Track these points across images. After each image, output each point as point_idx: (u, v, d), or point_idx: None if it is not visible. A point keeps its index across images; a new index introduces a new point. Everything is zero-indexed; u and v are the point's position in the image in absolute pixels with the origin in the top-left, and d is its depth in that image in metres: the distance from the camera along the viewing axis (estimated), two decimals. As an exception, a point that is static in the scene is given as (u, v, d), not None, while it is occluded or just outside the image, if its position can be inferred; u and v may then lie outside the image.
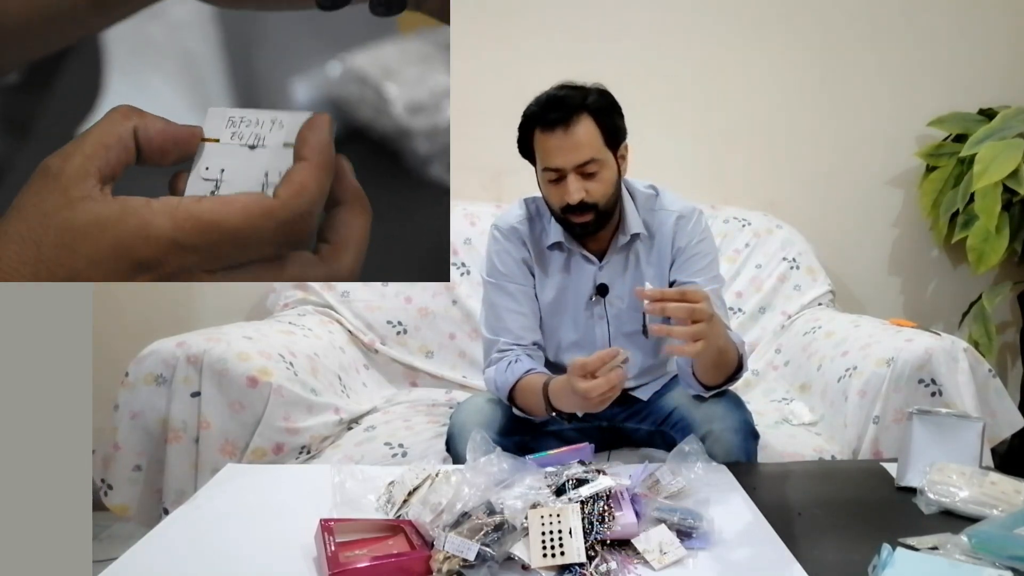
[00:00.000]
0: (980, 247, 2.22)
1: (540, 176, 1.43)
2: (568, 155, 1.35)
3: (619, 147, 1.41)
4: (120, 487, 1.52)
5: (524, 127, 1.41)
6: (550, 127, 1.35)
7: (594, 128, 1.36)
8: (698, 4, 2.38)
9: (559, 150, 1.35)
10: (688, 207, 1.52)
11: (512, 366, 1.41)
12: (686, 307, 1.11)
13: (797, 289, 2.19)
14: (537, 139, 1.39)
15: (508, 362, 1.42)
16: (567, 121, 1.34)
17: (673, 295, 1.12)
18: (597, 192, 1.38)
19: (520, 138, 1.42)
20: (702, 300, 1.13)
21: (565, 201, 1.38)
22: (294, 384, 1.58)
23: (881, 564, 0.91)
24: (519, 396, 1.39)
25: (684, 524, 1.01)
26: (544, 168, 1.39)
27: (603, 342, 1.52)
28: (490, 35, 2.34)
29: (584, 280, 1.51)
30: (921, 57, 2.44)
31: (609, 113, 1.38)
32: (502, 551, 0.93)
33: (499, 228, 1.54)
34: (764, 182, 2.46)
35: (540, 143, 1.38)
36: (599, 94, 1.39)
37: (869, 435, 1.58)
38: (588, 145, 1.35)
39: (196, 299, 2.38)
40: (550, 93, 1.38)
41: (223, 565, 0.97)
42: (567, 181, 1.36)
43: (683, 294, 1.12)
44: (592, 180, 1.37)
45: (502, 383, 1.40)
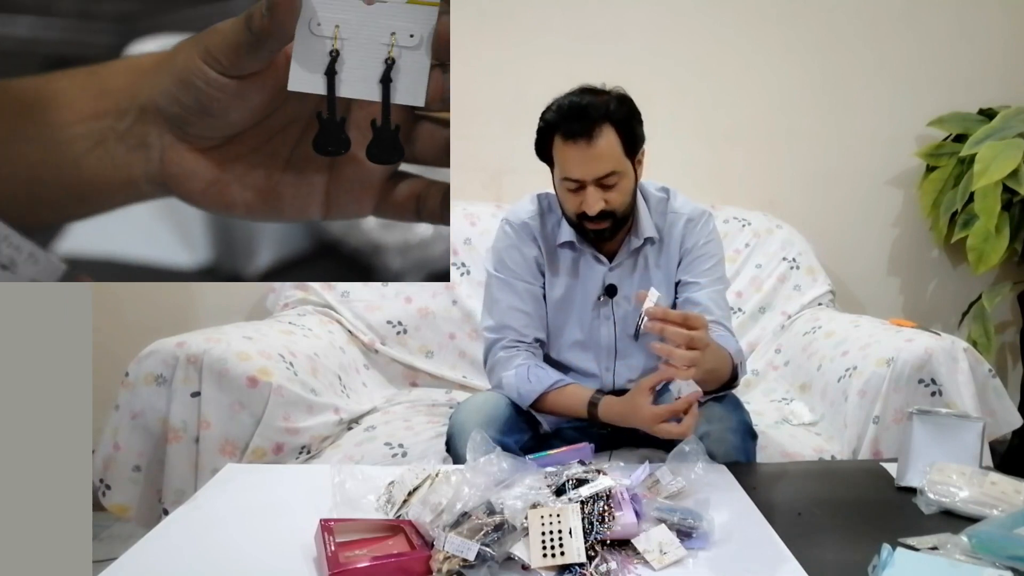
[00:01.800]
0: (980, 247, 2.22)
1: (557, 182, 1.42)
2: (589, 167, 1.34)
3: (637, 154, 1.41)
4: (120, 487, 1.52)
5: (543, 132, 1.39)
6: (572, 138, 1.33)
7: (615, 139, 1.34)
8: (698, 4, 2.38)
9: (580, 162, 1.34)
10: (698, 210, 1.53)
11: (533, 371, 1.43)
12: (684, 334, 1.12)
13: (797, 289, 2.19)
14: (557, 147, 1.37)
15: (528, 367, 1.44)
16: (589, 132, 1.32)
17: (675, 318, 1.13)
18: (616, 201, 1.38)
19: (538, 141, 1.40)
20: (702, 327, 1.13)
21: (583, 210, 1.38)
22: (294, 384, 1.58)
23: (881, 564, 0.91)
24: (547, 403, 1.42)
25: (684, 524, 1.01)
26: (564, 177, 1.38)
27: (609, 342, 1.52)
28: (490, 35, 2.34)
29: (593, 280, 1.51)
30: (921, 57, 2.44)
31: (630, 122, 1.36)
32: (502, 551, 0.93)
33: (510, 223, 1.53)
34: (764, 182, 2.46)
35: (560, 152, 1.37)
36: (620, 102, 1.36)
37: (869, 435, 1.58)
38: (609, 157, 1.34)
39: (196, 299, 2.38)
40: (572, 100, 1.35)
41: (223, 565, 0.97)
42: (587, 192, 1.36)
43: (684, 319, 1.13)
44: (611, 191, 1.37)
45: (527, 391, 1.42)
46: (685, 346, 1.12)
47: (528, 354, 1.48)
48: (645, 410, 1.25)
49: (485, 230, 2.13)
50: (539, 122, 1.39)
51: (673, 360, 1.12)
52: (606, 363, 1.53)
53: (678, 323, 1.12)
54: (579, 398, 1.39)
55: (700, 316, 1.16)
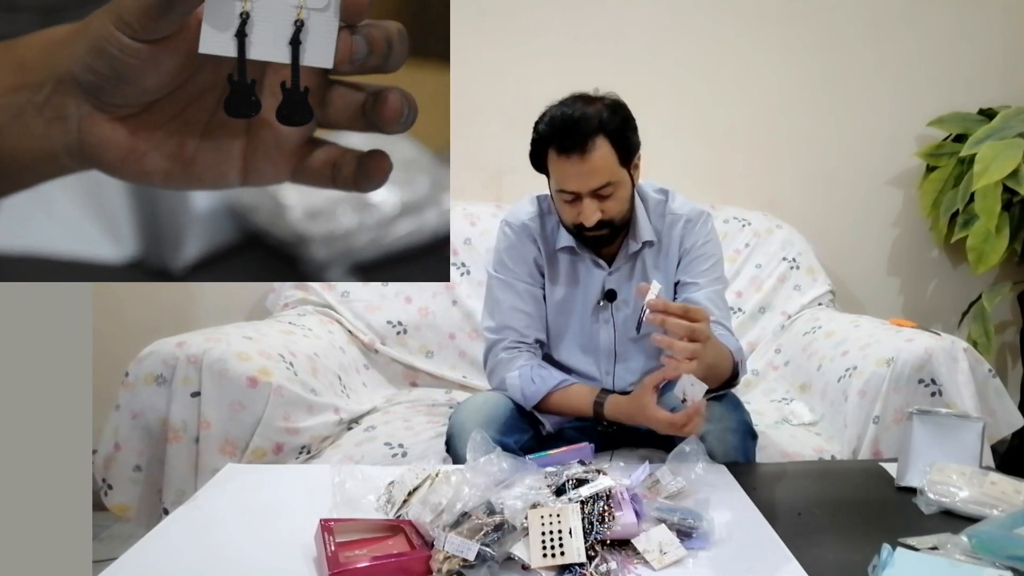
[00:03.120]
0: (980, 247, 2.22)
1: (554, 193, 1.42)
2: (584, 180, 1.34)
3: (632, 162, 1.40)
4: (120, 487, 1.53)
5: (537, 144, 1.38)
6: (565, 152, 1.33)
7: (610, 151, 1.33)
8: (698, 4, 2.38)
9: (575, 176, 1.34)
10: (696, 210, 1.53)
11: (537, 371, 1.44)
12: (685, 326, 1.11)
13: (797, 289, 2.19)
14: (551, 160, 1.36)
15: (531, 367, 1.44)
16: (583, 147, 1.31)
17: (676, 310, 1.13)
18: (613, 210, 1.38)
19: (533, 153, 1.40)
20: (703, 320, 1.13)
21: (580, 221, 1.38)
22: (294, 384, 1.58)
23: (881, 564, 0.91)
24: (552, 403, 1.43)
25: (684, 524, 1.01)
26: (559, 189, 1.38)
27: (608, 346, 1.52)
28: (490, 35, 2.33)
29: (593, 284, 1.51)
30: (921, 57, 2.44)
31: (623, 131, 1.35)
32: (502, 551, 0.93)
33: (510, 224, 1.53)
34: (764, 182, 2.46)
35: (554, 166, 1.36)
36: (612, 111, 1.35)
37: (869, 435, 1.58)
38: (604, 169, 1.34)
39: (196, 299, 2.38)
40: (564, 113, 1.33)
41: (223, 565, 0.97)
42: (583, 204, 1.36)
43: (685, 311, 1.13)
44: (608, 200, 1.37)
45: (532, 393, 1.42)
46: (687, 338, 1.11)
47: (530, 355, 1.48)
48: (651, 410, 1.26)
49: (485, 230, 2.13)
50: (532, 133, 1.39)
51: (674, 352, 1.12)
52: (606, 367, 1.54)
53: (679, 315, 1.12)
54: (584, 397, 1.39)
55: (701, 309, 1.15)
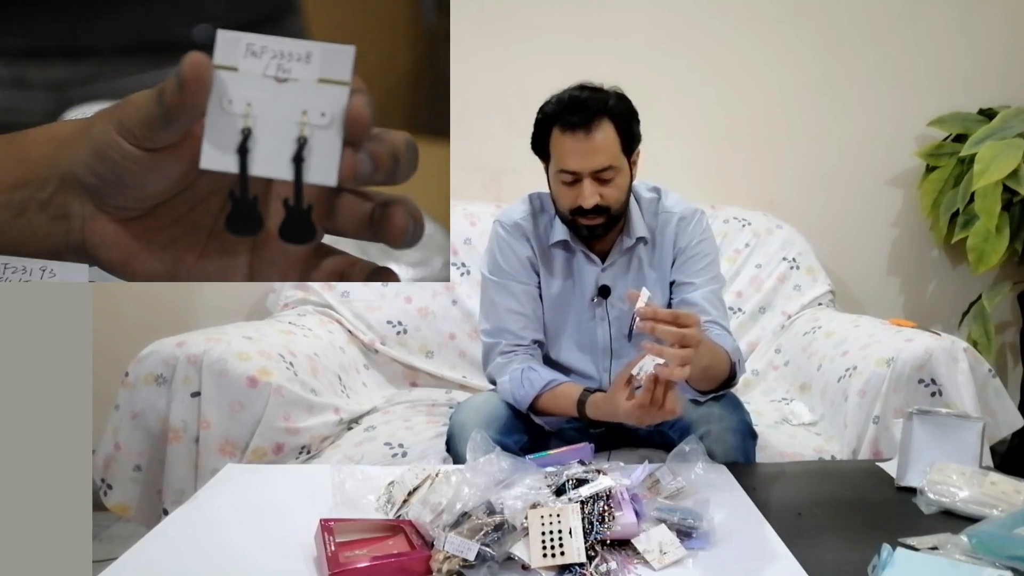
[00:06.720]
0: (980, 247, 2.22)
1: (553, 176, 1.42)
2: (587, 159, 1.34)
3: (633, 153, 1.41)
4: (120, 487, 1.52)
5: (541, 124, 1.39)
6: (570, 129, 1.34)
7: (613, 134, 1.35)
8: (699, 3, 2.38)
9: (578, 153, 1.34)
10: (690, 208, 1.52)
11: (527, 374, 1.41)
12: (676, 332, 1.09)
13: (797, 289, 2.19)
14: (555, 139, 1.37)
15: (521, 370, 1.42)
16: (588, 125, 1.32)
17: (665, 316, 1.11)
18: (611, 197, 1.38)
19: (535, 134, 1.41)
20: (694, 324, 1.11)
21: (578, 204, 1.37)
22: (294, 384, 1.58)
23: (881, 564, 0.91)
24: (543, 405, 1.40)
25: (684, 524, 1.01)
26: (560, 170, 1.38)
27: (604, 343, 1.52)
28: (490, 35, 2.33)
29: (587, 280, 1.51)
30: (921, 57, 2.44)
31: (628, 119, 1.37)
32: (502, 551, 0.93)
33: (503, 224, 1.53)
34: (764, 182, 2.46)
35: (558, 144, 1.37)
36: (619, 99, 1.37)
37: (869, 435, 1.58)
38: (607, 151, 1.34)
39: (196, 299, 2.38)
40: (572, 94, 1.36)
41: (223, 565, 0.97)
42: (582, 185, 1.36)
43: (675, 317, 1.11)
44: (607, 186, 1.37)
45: (522, 396, 1.40)
46: (677, 344, 1.10)
47: (525, 356, 1.47)
48: (623, 405, 1.21)
49: (485, 230, 2.12)
50: (537, 115, 1.39)
51: (665, 358, 1.11)
52: (603, 364, 1.53)
53: (668, 321, 1.11)
54: (570, 398, 1.37)
55: (691, 314, 1.14)
